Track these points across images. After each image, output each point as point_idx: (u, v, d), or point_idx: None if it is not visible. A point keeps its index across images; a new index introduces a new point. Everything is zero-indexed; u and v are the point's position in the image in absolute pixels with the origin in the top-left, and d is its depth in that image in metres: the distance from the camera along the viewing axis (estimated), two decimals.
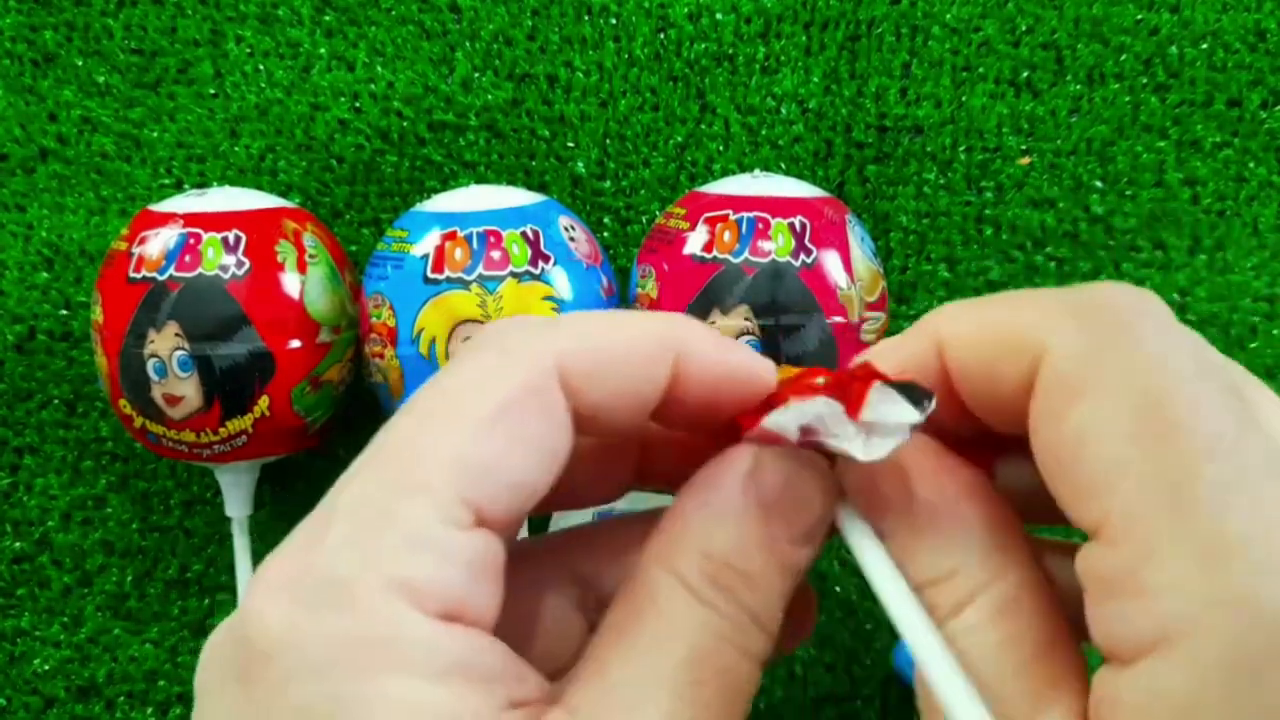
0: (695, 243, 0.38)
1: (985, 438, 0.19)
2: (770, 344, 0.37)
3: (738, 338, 0.37)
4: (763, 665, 0.18)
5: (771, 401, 0.18)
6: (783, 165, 0.46)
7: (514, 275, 0.37)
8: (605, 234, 0.46)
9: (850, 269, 0.38)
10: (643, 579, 0.17)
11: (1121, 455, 0.15)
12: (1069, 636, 0.17)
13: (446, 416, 0.16)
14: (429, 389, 0.17)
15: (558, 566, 0.20)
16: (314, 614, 0.15)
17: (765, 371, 0.19)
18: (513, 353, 0.17)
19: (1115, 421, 0.15)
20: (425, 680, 0.15)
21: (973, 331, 0.18)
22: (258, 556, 0.43)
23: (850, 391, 0.17)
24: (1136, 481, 0.15)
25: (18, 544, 0.46)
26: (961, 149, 0.45)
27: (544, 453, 0.17)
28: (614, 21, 0.46)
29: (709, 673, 0.16)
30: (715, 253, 0.38)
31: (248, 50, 0.47)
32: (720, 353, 0.18)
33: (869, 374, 0.17)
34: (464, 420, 0.16)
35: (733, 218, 0.38)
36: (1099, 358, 0.16)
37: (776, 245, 0.37)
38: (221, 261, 0.37)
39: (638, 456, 0.21)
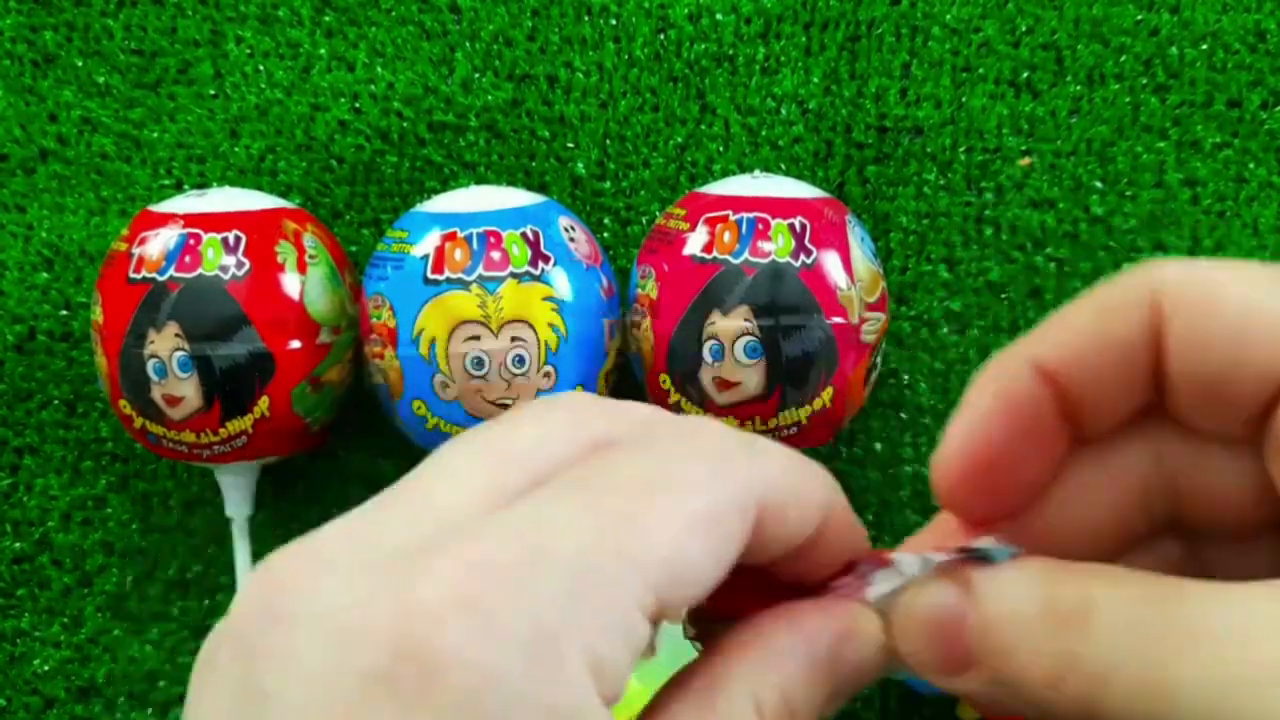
0: (695, 243, 0.38)
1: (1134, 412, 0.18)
2: (770, 344, 0.37)
3: (738, 338, 0.37)
4: None
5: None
6: (783, 166, 0.46)
7: (514, 276, 0.37)
8: (605, 234, 0.46)
9: (850, 269, 0.38)
10: (715, 685, 0.17)
11: None
12: None
13: (670, 499, 0.16)
14: (641, 456, 0.16)
15: None
16: (523, 665, 0.14)
17: (865, 542, 0.19)
18: (728, 463, 0.17)
19: None
20: None
21: (1216, 313, 0.16)
22: (257, 557, 0.43)
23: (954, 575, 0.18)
24: None
25: (18, 544, 0.46)
26: (961, 149, 0.45)
27: (722, 571, 0.16)
28: (614, 22, 0.46)
29: None
30: (715, 253, 0.38)
31: (248, 50, 0.47)
32: (853, 519, 0.19)
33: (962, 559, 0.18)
34: (682, 515, 0.15)
35: (733, 218, 0.38)
36: None
37: (776, 246, 0.37)
38: (221, 262, 0.37)
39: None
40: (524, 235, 0.38)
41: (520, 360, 0.37)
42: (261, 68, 0.47)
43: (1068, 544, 0.18)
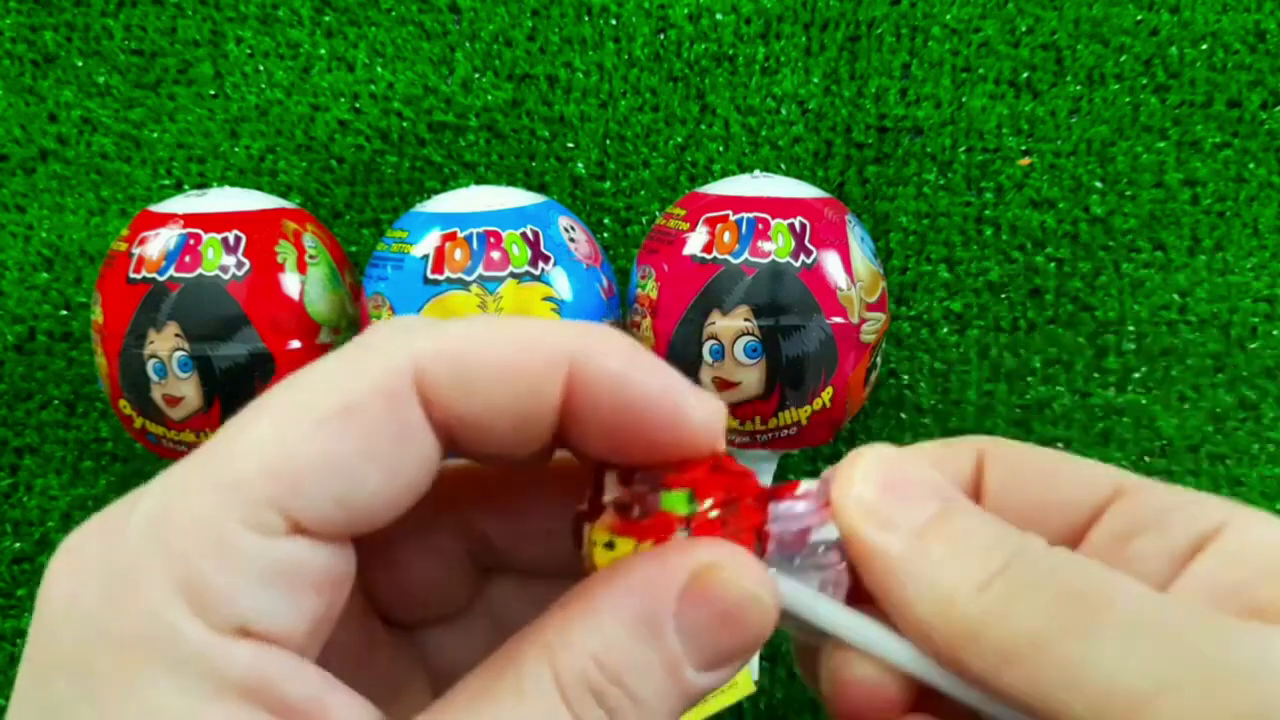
0: (695, 243, 0.38)
1: None
2: (770, 344, 0.37)
3: (738, 338, 0.37)
4: None
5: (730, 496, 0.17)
6: (783, 165, 0.46)
7: (514, 276, 0.37)
8: (605, 234, 0.46)
9: (850, 269, 0.38)
10: (516, 659, 0.15)
11: None
12: None
13: (282, 412, 0.15)
14: (282, 382, 0.15)
15: (449, 516, 0.19)
16: (98, 600, 0.14)
17: (698, 409, 0.16)
18: (370, 351, 0.15)
19: None
20: (189, 695, 0.13)
21: (1027, 461, 0.19)
22: None
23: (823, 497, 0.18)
24: None
25: (18, 544, 0.46)
26: (961, 149, 0.45)
27: (391, 464, 0.15)
28: (614, 22, 0.46)
29: None
30: (715, 253, 0.38)
31: (248, 51, 0.47)
32: (634, 370, 0.16)
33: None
34: (298, 419, 0.14)
35: (732, 218, 0.38)
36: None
37: (776, 246, 0.37)
38: (221, 262, 0.37)
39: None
40: (524, 235, 0.38)
41: None
42: (261, 68, 0.47)
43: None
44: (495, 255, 0.37)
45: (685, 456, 0.16)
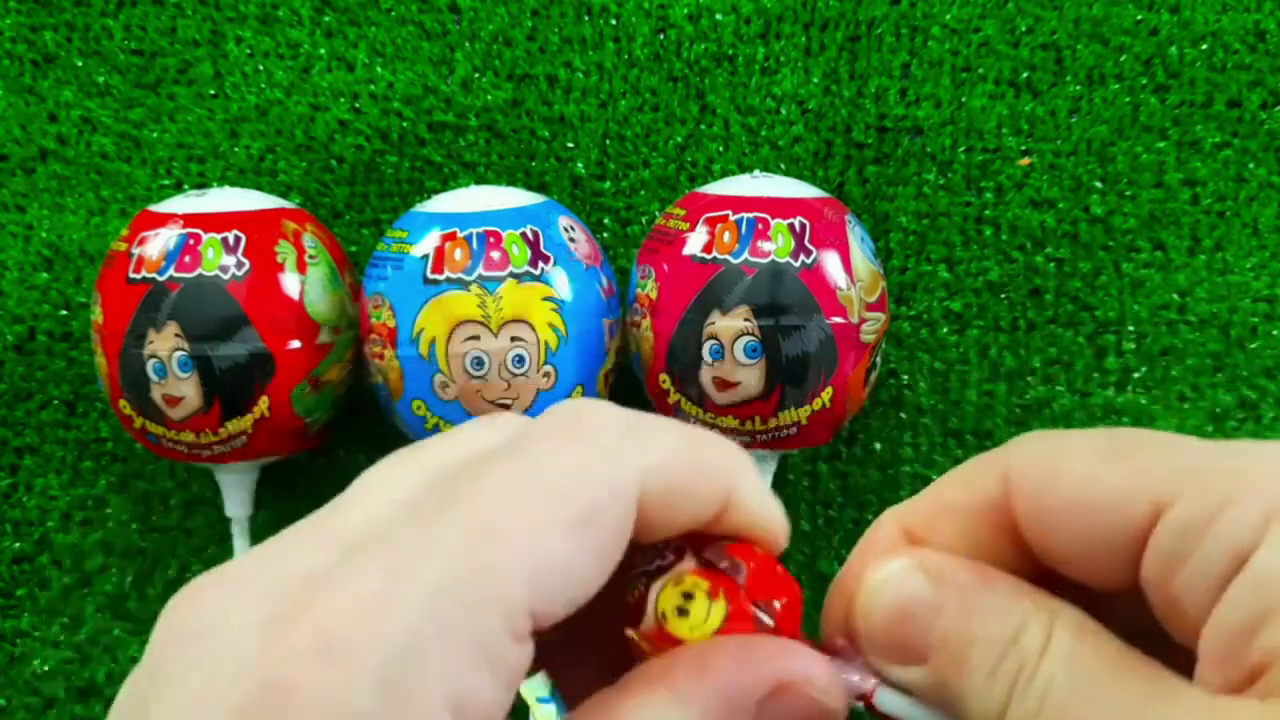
0: (695, 243, 0.38)
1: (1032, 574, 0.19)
2: (770, 344, 0.37)
3: (737, 338, 0.37)
4: None
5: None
6: (783, 165, 0.46)
7: (514, 276, 0.37)
8: (605, 234, 0.46)
9: (850, 269, 0.38)
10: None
11: None
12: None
13: (530, 511, 0.15)
14: (510, 465, 0.16)
15: None
16: (368, 699, 0.13)
17: (782, 531, 0.18)
18: (603, 456, 0.16)
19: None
20: None
21: (1055, 490, 0.18)
22: None
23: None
24: None
25: (18, 544, 0.46)
26: (961, 149, 0.45)
27: (607, 565, 0.16)
28: (614, 22, 0.46)
29: None
30: (715, 253, 0.38)
31: (248, 51, 0.47)
32: (763, 500, 0.18)
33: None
34: (548, 522, 0.15)
35: (732, 218, 0.38)
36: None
37: (776, 246, 0.37)
38: (221, 262, 0.37)
39: None
40: (524, 235, 0.38)
41: (520, 360, 0.37)
42: (261, 68, 0.47)
43: None
44: (495, 255, 0.37)
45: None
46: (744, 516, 0.18)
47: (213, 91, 0.47)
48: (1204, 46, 0.45)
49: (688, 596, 0.17)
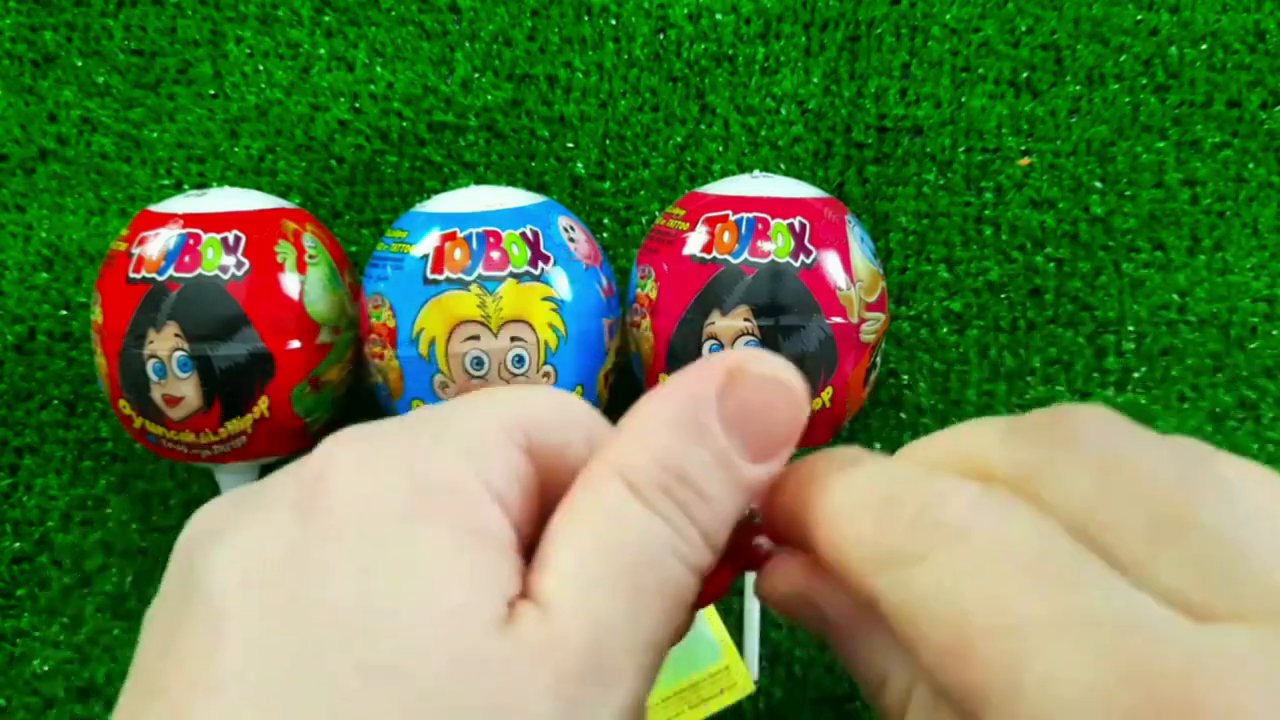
0: (695, 243, 0.38)
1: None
2: (770, 344, 0.37)
3: (737, 338, 0.37)
4: (702, 578, 0.18)
5: None
6: (783, 165, 0.46)
7: (514, 276, 0.37)
8: (605, 234, 0.46)
9: (850, 269, 0.38)
10: (595, 479, 0.18)
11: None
12: None
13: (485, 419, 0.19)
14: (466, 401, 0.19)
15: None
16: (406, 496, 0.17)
17: None
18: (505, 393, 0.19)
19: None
20: (481, 546, 0.16)
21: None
22: None
23: None
24: None
25: (18, 544, 0.46)
26: (961, 149, 0.45)
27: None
28: (614, 22, 0.46)
29: (653, 580, 0.17)
30: (715, 253, 0.38)
31: (248, 50, 0.47)
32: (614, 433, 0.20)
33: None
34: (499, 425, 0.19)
35: (732, 218, 0.38)
36: None
37: (776, 246, 0.37)
38: (221, 262, 0.37)
39: None
40: (524, 235, 0.38)
41: (520, 360, 0.37)
42: (261, 68, 0.47)
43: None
44: (495, 255, 0.37)
45: None
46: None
47: (213, 91, 0.47)
48: (1204, 46, 0.45)
49: None
